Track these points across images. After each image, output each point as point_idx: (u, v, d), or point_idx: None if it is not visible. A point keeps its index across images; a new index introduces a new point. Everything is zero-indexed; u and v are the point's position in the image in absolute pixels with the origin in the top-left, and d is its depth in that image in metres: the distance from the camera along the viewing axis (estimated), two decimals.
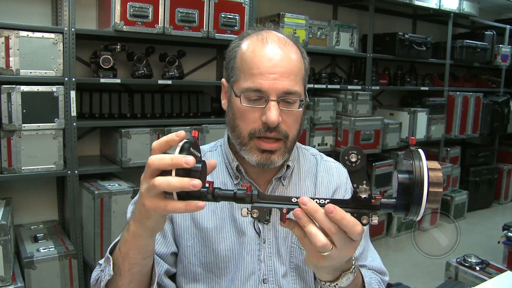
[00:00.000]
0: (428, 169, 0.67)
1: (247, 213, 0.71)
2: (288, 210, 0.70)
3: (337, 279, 0.78)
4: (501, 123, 4.94)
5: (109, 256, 0.83)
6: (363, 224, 0.69)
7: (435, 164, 0.69)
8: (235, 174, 1.01)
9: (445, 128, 4.41)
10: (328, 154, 1.17)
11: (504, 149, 5.30)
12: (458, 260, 2.61)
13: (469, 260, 2.57)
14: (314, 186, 1.07)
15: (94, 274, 0.91)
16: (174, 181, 0.65)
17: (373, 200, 0.70)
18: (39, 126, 2.27)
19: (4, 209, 2.17)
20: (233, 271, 0.97)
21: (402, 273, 3.10)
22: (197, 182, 0.65)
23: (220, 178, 1.02)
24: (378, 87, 3.97)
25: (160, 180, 0.66)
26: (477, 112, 4.63)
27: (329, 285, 0.78)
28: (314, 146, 3.42)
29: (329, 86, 3.59)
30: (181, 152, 0.69)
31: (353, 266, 0.79)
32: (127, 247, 0.79)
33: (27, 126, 2.23)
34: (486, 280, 1.76)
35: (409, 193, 0.67)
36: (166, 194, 0.68)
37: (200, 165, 0.69)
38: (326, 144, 3.53)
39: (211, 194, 0.71)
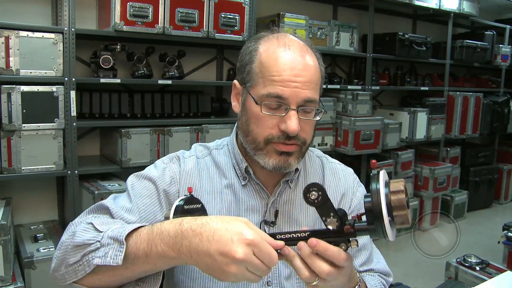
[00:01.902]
0: (391, 192, 0.69)
1: None
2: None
3: None
4: (501, 123, 4.94)
5: (124, 243, 0.74)
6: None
7: (399, 186, 0.70)
8: (243, 175, 1.01)
9: (445, 128, 4.41)
10: (328, 154, 1.17)
11: (504, 149, 5.30)
12: (458, 260, 2.61)
13: (469, 260, 2.57)
14: None
15: (84, 235, 0.78)
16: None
17: (345, 228, 0.73)
18: (39, 126, 2.27)
19: (4, 209, 2.17)
20: None
21: (402, 273, 3.10)
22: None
23: (228, 178, 1.02)
24: (378, 87, 3.97)
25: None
26: (477, 112, 4.63)
27: None
28: (314, 146, 3.41)
29: (329, 86, 3.59)
30: (175, 214, 0.78)
31: (357, 285, 0.81)
32: (160, 260, 0.73)
33: (27, 126, 2.23)
34: (486, 280, 1.76)
35: (373, 217, 0.69)
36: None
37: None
38: (326, 144, 3.53)
39: None
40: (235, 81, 1.00)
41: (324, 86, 3.83)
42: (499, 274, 2.17)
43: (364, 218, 0.74)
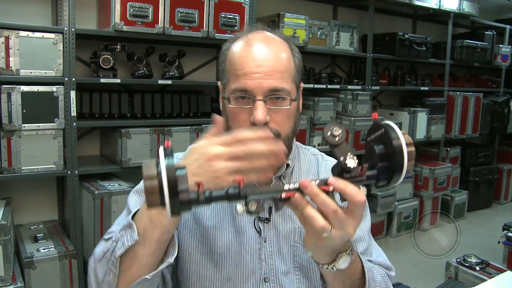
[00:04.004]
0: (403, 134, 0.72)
1: (243, 209, 0.66)
2: (286, 197, 0.69)
3: (334, 260, 0.78)
4: (501, 123, 4.94)
5: (132, 222, 0.81)
6: None
7: (402, 131, 0.73)
8: None
9: (445, 128, 4.41)
10: (328, 154, 1.17)
11: (504, 149, 5.30)
12: (458, 260, 2.61)
13: (469, 260, 2.57)
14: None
15: (100, 248, 0.86)
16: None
17: (360, 171, 0.71)
18: (39, 126, 2.27)
19: (4, 209, 2.17)
20: (230, 269, 0.97)
21: (402, 273, 3.10)
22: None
23: None
24: (378, 87, 3.97)
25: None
26: (477, 112, 4.63)
27: (326, 268, 0.79)
28: (314, 146, 3.41)
29: (329, 86, 3.59)
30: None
31: (349, 248, 0.79)
32: (161, 214, 0.77)
33: (27, 126, 2.23)
34: (486, 280, 1.76)
35: (390, 161, 0.71)
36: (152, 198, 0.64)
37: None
38: (326, 144, 3.52)
39: (203, 197, 0.66)
40: (219, 83, 1.03)
41: (324, 86, 3.81)
42: (499, 274, 2.17)
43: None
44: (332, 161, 1.14)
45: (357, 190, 0.69)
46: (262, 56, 0.92)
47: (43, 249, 2.27)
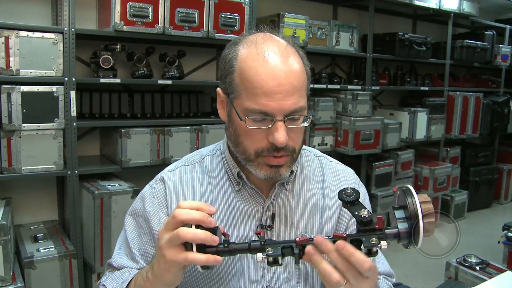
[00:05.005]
0: (420, 203, 0.74)
1: (262, 258, 0.76)
2: (299, 242, 0.76)
3: None
4: (501, 123, 4.94)
5: None
6: (374, 252, 0.74)
7: (425, 197, 0.76)
8: (236, 181, 0.99)
9: (445, 128, 4.41)
10: (328, 154, 1.16)
11: (504, 149, 5.30)
12: (458, 260, 2.61)
13: (469, 260, 2.57)
14: (322, 189, 1.05)
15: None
16: (199, 233, 0.74)
17: (376, 225, 0.75)
18: (39, 126, 2.27)
19: (4, 209, 2.17)
20: (235, 278, 0.97)
21: (402, 273, 3.10)
22: (216, 238, 0.76)
23: (220, 185, 1.00)
24: (378, 87, 3.97)
25: (186, 231, 0.74)
26: (477, 112, 4.63)
27: None
28: (314, 146, 3.41)
29: (329, 86, 3.59)
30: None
31: None
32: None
33: (27, 126, 2.23)
34: (486, 280, 1.77)
35: (408, 223, 0.76)
36: (186, 247, 0.76)
37: (217, 226, 0.79)
38: (326, 144, 3.53)
39: (228, 249, 0.77)
40: (219, 90, 0.95)
41: (324, 86, 3.79)
42: (499, 274, 2.17)
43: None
44: (337, 163, 1.12)
45: (363, 258, 0.71)
46: (281, 73, 0.84)
47: (43, 249, 2.27)
